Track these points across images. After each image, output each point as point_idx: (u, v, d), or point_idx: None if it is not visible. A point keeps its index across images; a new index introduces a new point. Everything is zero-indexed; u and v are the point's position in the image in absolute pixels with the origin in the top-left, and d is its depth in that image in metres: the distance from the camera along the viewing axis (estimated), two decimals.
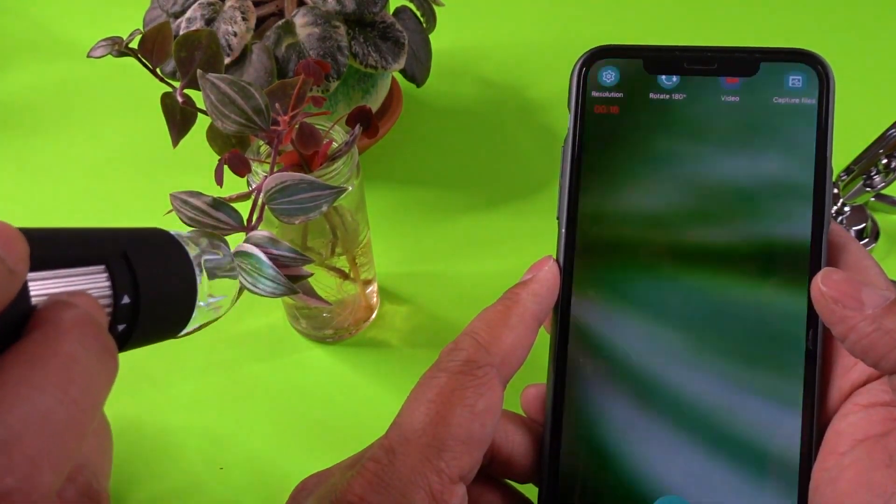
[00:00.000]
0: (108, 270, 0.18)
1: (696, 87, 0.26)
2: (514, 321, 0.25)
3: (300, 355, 0.43)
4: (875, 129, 0.43)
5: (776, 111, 0.26)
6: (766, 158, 0.26)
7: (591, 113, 0.27)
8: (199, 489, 0.37)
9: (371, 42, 0.46)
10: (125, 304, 0.19)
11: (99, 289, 0.18)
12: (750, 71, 0.26)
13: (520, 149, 0.56)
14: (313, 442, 0.39)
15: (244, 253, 0.27)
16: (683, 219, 0.26)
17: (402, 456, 0.23)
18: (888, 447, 0.22)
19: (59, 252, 0.17)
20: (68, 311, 0.16)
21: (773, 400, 0.25)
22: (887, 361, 0.22)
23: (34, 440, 0.14)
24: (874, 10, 0.70)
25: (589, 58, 0.27)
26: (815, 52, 0.26)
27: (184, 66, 0.31)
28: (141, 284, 0.19)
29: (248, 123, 0.28)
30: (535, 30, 0.70)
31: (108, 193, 0.54)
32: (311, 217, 0.29)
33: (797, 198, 0.25)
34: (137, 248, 0.19)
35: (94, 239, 0.19)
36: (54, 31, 0.70)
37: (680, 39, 0.28)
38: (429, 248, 0.49)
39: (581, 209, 0.26)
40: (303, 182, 0.28)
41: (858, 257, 0.26)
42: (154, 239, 0.21)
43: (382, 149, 0.56)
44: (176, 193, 0.28)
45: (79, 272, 0.18)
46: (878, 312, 0.22)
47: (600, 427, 0.26)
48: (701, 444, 0.25)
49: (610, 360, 0.26)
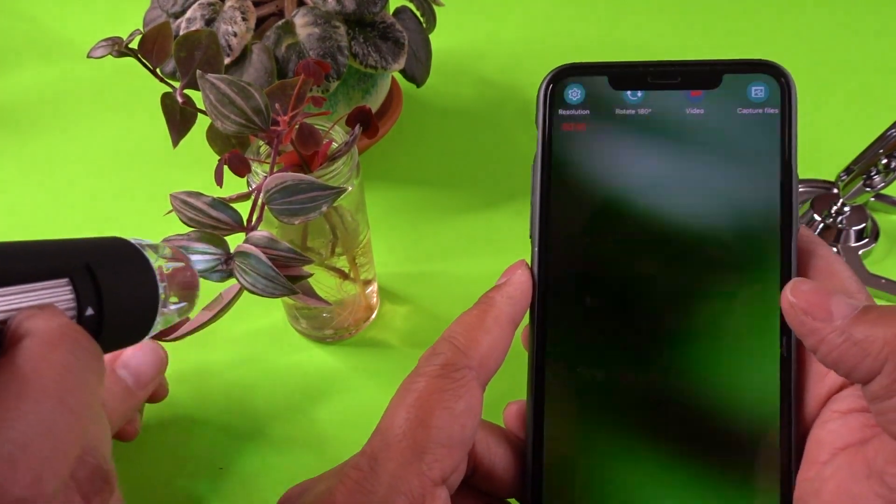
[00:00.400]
0: (71, 283, 0.19)
1: (661, 102, 0.27)
2: (490, 324, 0.25)
3: (300, 355, 0.43)
4: (874, 130, 0.43)
5: (740, 121, 0.26)
6: (732, 168, 0.26)
7: (559, 130, 0.27)
8: (198, 489, 0.37)
9: (371, 42, 0.46)
10: (89, 315, 0.19)
11: (63, 301, 0.18)
12: (713, 83, 0.26)
13: (520, 149, 0.56)
14: (313, 442, 0.39)
15: (243, 253, 0.28)
16: (654, 231, 0.26)
17: (384, 462, 0.23)
18: (867, 457, 0.22)
19: (22, 267, 0.17)
20: (53, 321, 0.16)
21: (752, 409, 0.25)
22: (858, 372, 0.21)
23: (37, 452, 0.14)
24: (874, 10, 0.70)
25: (554, 76, 0.27)
26: (776, 63, 0.26)
27: (184, 66, 0.31)
28: (104, 296, 0.19)
29: (248, 124, 0.28)
30: (535, 30, 0.70)
31: (108, 193, 0.54)
32: (310, 217, 0.29)
33: (765, 205, 0.26)
34: (100, 260, 0.20)
35: (57, 252, 0.19)
36: (54, 31, 0.70)
37: (680, 39, 0.28)
38: (429, 248, 0.49)
39: (553, 226, 0.27)
40: (303, 182, 0.28)
41: (828, 262, 0.26)
42: (116, 249, 0.21)
43: (382, 149, 0.56)
44: (176, 194, 0.28)
45: (43, 286, 0.18)
46: (846, 323, 0.22)
47: (581, 442, 0.26)
48: (681, 456, 0.25)
49: (587, 375, 0.26)
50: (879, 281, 0.45)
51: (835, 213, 0.47)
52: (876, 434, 0.22)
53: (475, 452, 0.26)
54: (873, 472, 0.21)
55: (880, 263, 0.47)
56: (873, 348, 0.21)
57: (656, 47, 0.66)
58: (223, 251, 0.28)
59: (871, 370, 0.21)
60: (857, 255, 0.46)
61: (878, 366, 0.21)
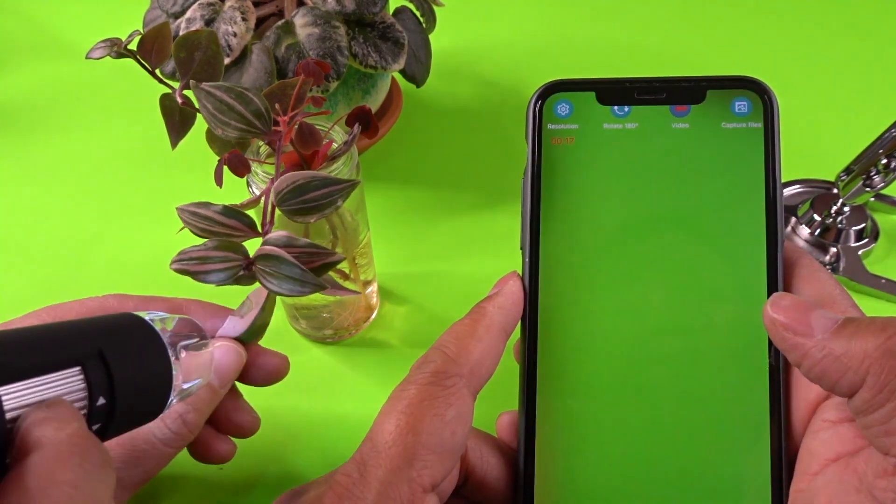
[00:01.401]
0: (83, 372, 0.18)
1: (648, 116, 0.27)
2: (482, 333, 0.25)
3: (300, 355, 0.43)
4: (874, 130, 0.43)
5: (725, 135, 0.27)
6: (718, 181, 0.27)
7: (548, 144, 0.28)
8: (198, 489, 0.37)
9: (371, 42, 0.46)
10: (101, 405, 0.19)
11: (74, 392, 0.18)
12: (697, 98, 0.27)
13: (520, 149, 0.56)
14: (313, 442, 0.39)
15: (266, 256, 0.27)
16: (642, 244, 0.27)
17: (373, 469, 0.23)
18: (857, 469, 0.22)
19: (33, 359, 0.17)
20: (63, 432, 0.16)
21: (742, 419, 0.25)
22: (841, 387, 0.21)
23: None
24: (874, 10, 0.70)
25: (543, 92, 0.28)
26: (758, 79, 0.27)
27: (183, 66, 0.31)
28: (117, 385, 0.19)
29: (250, 129, 0.28)
30: (535, 30, 0.70)
31: (107, 193, 0.54)
32: (326, 213, 0.28)
33: (751, 218, 0.26)
34: (112, 344, 0.19)
35: (67, 338, 0.19)
36: (54, 32, 0.70)
37: (678, 41, 0.29)
38: (429, 248, 0.49)
39: (543, 238, 0.27)
40: (315, 179, 0.28)
41: (811, 269, 0.26)
42: (128, 329, 0.21)
43: (382, 149, 0.56)
44: (183, 206, 0.27)
45: (54, 377, 0.18)
46: (826, 337, 0.22)
47: (572, 454, 0.26)
48: (672, 467, 0.25)
49: (578, 386, 0.26)
50: (879, 281, 0.45)
51: (835, 213, 0.47)
52: (866, 445, 0.22)
53: (468, 461, 0.26)
54: (863, 484, 0.21)
55: (880, 263, 0.47)
56: (853, 363, 0.21)
57: (654, 50, 0.66)
58: (242, 256, 0.28)
59: (852, 384, 0.21)
60: (857, 255, 0.46)
61: (860, 380, 0.20)
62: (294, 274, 0.26)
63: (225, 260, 0.27)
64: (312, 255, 0.27)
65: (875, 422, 0.20)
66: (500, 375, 0.26)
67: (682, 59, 0.65)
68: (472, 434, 0.27)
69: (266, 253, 0.27)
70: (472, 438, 0.27)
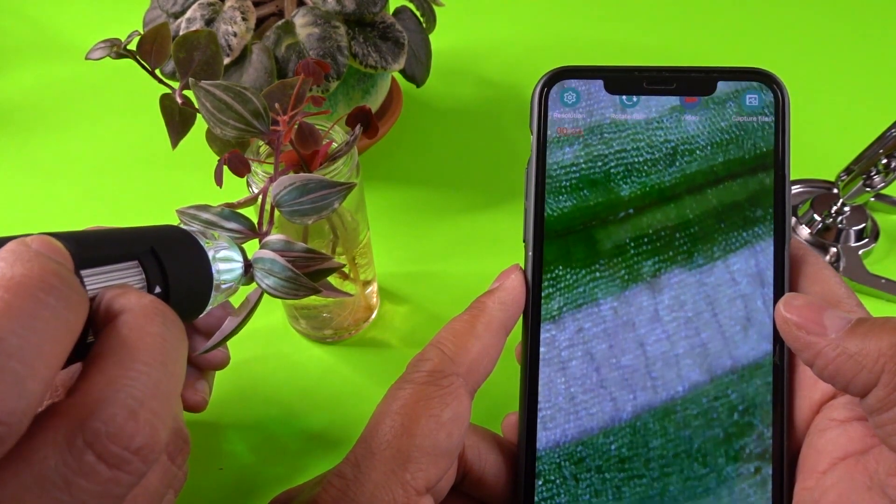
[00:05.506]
0: (140, 265, 0.21)
1: (657, 107, 0.27)
2: (481, 330, 0.25)
3: (300, 355, 0.43)
4: (874, 130, 0.43)
5: (734, 128, 0.26)
6: (726, 174, 0.26)
7: (554, 134, 0.27)
8: (198, 489, 0.37)
9: (371, 42, 0.46)
10: (157, 293, 0.21)
11: (135, 281, 0.21)
12: (708, 90, 0.27)
13: (520, 149, 0.56)
14: (313, 442, 0.39)
15: (262, 259, 0.27)
16: (649, 237, 0.26)
17: (367, 470, 0.22)
18: (868, 467, 0.22)
19: (99, 252, 0.20)
20: (144, 298, 0.18)
21: (746, 418, 0.25)
22: (855, 385, 0.21)
23: (152, 408, 0.17)
24: (874, 11, 0.70)
25: (550, 78, 0.27)
26: (770, 71, 0.26)
27: (183, 66, 0.31)
28: (169, 276, 0.22)
29: (249, 128, 0.28)
30: (535, 30, 0.70)
31: (107, 193, 0.54)
32: (323, 216, 0.28)
33: (758, 213, 0.26)
34: (162, 245, 0.22)
35: (125, 238, 0.21)
36: (54, 32, 0.70)
37: (682, 40, 0.28)
38: (429, 248, 0.49)
39: (548, 230, 0.26)
40: (311, 182, 0.28)
41: (818, 267, 0.26)
42: (174, 235, 0.24)
43: (382, 149, 0.56)
44: (183, 209, 0.27)
45: (117, 268, 0.20)
46: (840, 336, 0.22)
47: (574, 453, 0.26)
48: (674, 465, 0.25)
49: (580, 384, 0.26)
50: (879, 281, 0.45)
51: (835, 213, 0.47)
52: (876, 444, 0.22)
53: (466, 458, 0.26)
54: (875, 483, 0.21)
55: (880, 263, 0.47)
56: (868, 361, 0.21)
57: (655, 50, 0.66)
58: (243, 258, 0.28)
59: (867, 383, 0.21)
60: (857, 255, 0.46)
61: (874, 378, 0.21)
62: (288, 277, 0.26)
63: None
64: (309, 260, 0.28)
65: (889, 420, 0.21)
66: (501, 375, 0.26)
67: (683, 59, 0.65)
68: (471, 430, 0.27)
69: (263, 257, 0.27)
70: (470, 435, 0.26)
